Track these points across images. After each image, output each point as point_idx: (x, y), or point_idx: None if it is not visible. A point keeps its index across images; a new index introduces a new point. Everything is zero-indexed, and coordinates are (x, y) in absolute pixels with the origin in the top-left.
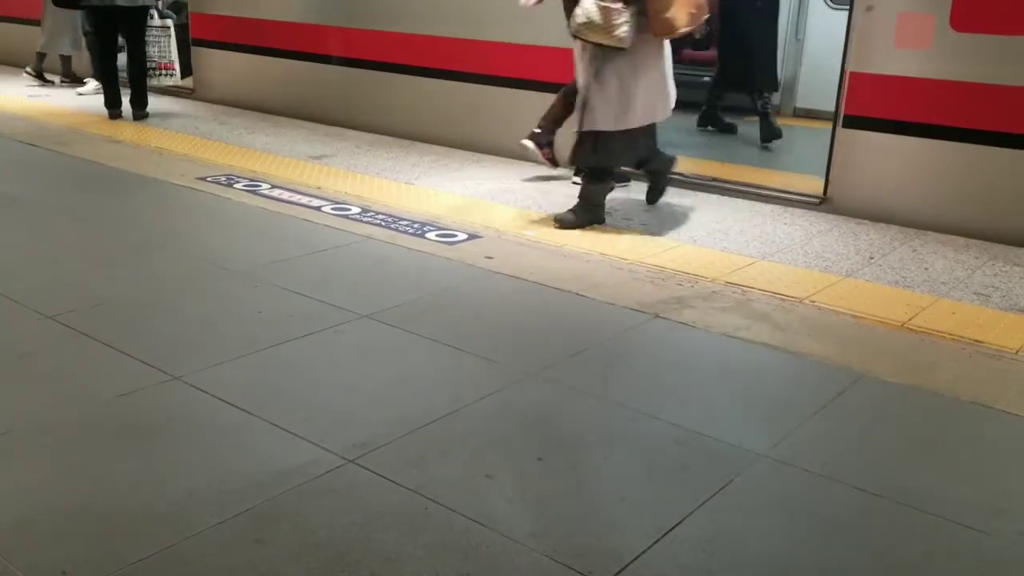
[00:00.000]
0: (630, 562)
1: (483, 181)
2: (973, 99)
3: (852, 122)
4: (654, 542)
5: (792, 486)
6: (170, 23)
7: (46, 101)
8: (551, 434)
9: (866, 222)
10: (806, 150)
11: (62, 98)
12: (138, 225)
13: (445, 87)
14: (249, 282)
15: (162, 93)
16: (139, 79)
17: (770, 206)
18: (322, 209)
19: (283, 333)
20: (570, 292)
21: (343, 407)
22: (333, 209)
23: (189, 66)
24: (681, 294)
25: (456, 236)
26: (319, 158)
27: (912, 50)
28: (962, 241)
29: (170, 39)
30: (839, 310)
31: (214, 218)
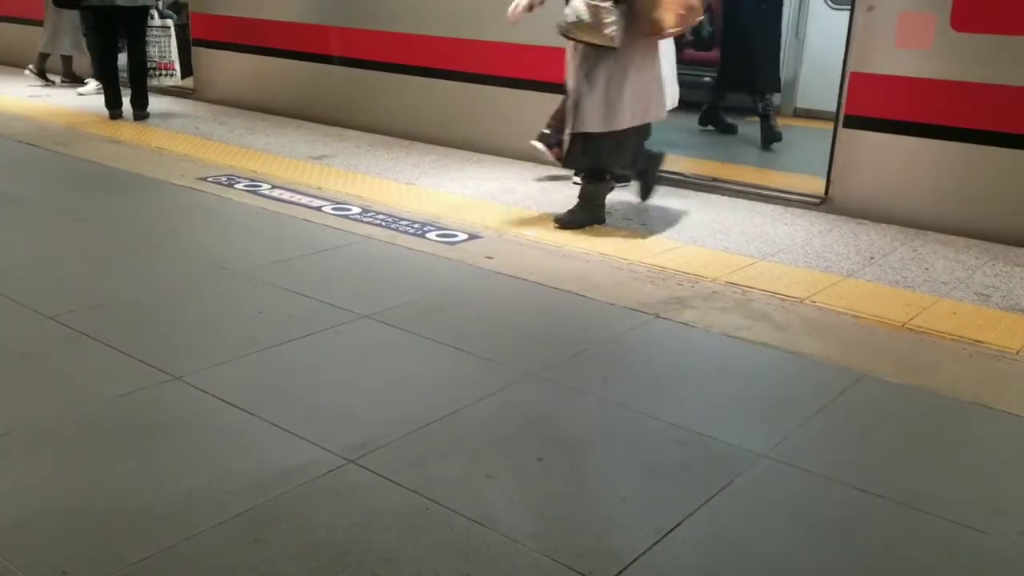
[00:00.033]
0: (630, 563)
1: (483, 181)
2: (974, 99)
3: (853, 122)
4: (654, 542)
5: (792, 486)
6: (170, 23)
7: (47, 101)
8: (551, 434)
9: (866, 222)
10: (806, 150)
11: (63, 98)
12: (138, 225)
13: (445, 87)
14: (249, 282)
15: (162, 93)
16: (139, 79)
17: (770, 206)
18: (322, 209)
19: (283, 333)
20: (570, 292)
21: (343, 407)
22: (333, 209)
23: (189, 66)
24: (681, 294)
25: (456, 236)
26: (319, 158)
27: (913, 50)
28: (963, 241)
29: (170, 39)
30: (840, 310)
31: (214, 218)
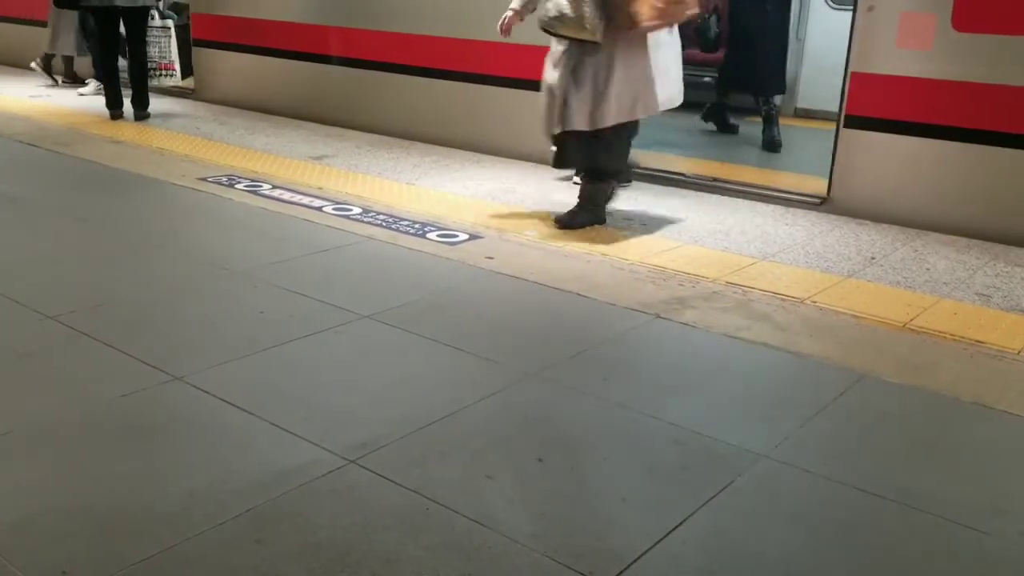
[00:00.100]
0: (631, 563)
1: (483, 181)
2: (974, 99)
3: (854, 122)
4: (655, 543)
5: (793, 486)
6: (170, 23)
7: (47, 101)
8: (552, 435)
9: (867, 222)
10: (807, 150)
11: (63, 98)
12: (139, 225)
13: (445, 87)
14: (250, 282)
15: (163, 93)
16: (140, 79)
17: (771, 206)
18: (323, 209)
19: (284, 333)
20: (571, 292)
21: (344, 407)
22: (334, 209)
23: (189, 66)
24: (682, 294)
25: (457, 236)
26: (320, 158)
27: (913, 50)
28: (964, 241)
29: (170, 39)
30: (840, 310)
31: (215, 218)
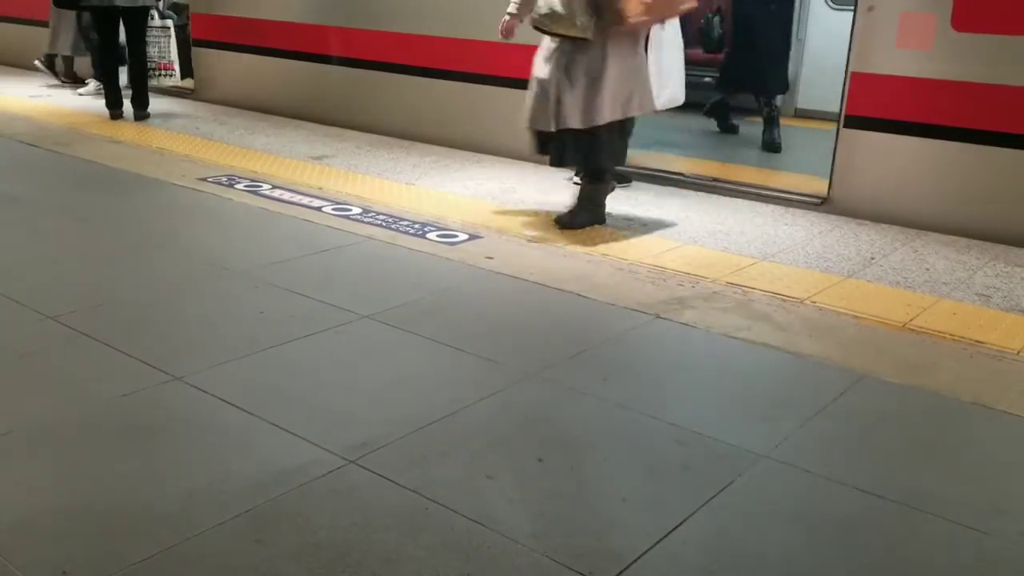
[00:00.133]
0: (631, 563)
1: (483, 181)
2: (974, 99)
3: (854, 122)
4: (655, 543)
5: (793, 487)
6: (170, 24)
7: (47, 101)
8: (552, 435)
9: (867, 223)
10: (807, 151)
11: (63, 98)
12: (139, 225)
13: (445, 87)
14: (250, 282)
15: (163, 94)
16: (140, 80)
17: (771, 206)
18: (323, 210)
19: (284, 333)
20: (571, 292)
21: (344, 407)
22: (334, 210)
23: (189, 67)
24: (682, 295)
25: (457, 236)
26: (320, 159)
27: (913, 50)
28: (963, 242)
29: (170, 40)
30: (840, 311)
31: (215, 218)
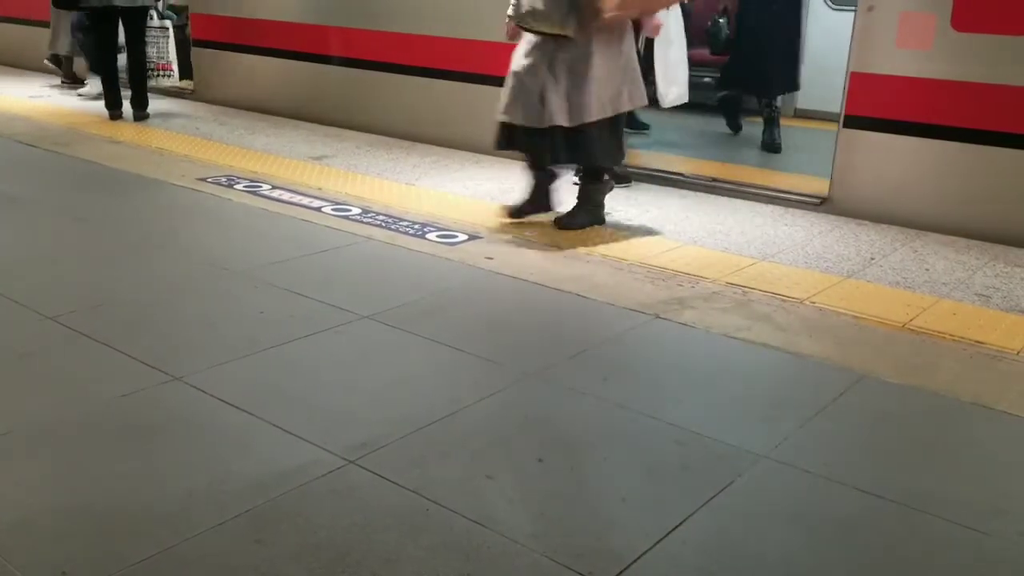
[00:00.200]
0: (631, 563)
1: (483, 182)
2: (974, 99)
3: (853, 122)
4: (655, 543)
5: (793, 487)
6: (169, 24)
7: (47, 101)
8: (551, 435)
9: (867, 223)
10: (807, 151)
11: (63, 99)
12: (138, 225)
13: (445, 87)
14: (249, 282)
15: (162, 94)
16: (139, 80)
17: (770, 207)
18: (322, 210)
19: (284, 334)
20: (570, 293)
21: (344, 408)
22: (333, 210)
23: (188, 67)
24: (681, 295)
25: (456, 237)
26: (319, 159)
27: (913, 50)
28: (963, 242)
29: (168, 40)
30: (840, 311)
31: (214, 219)
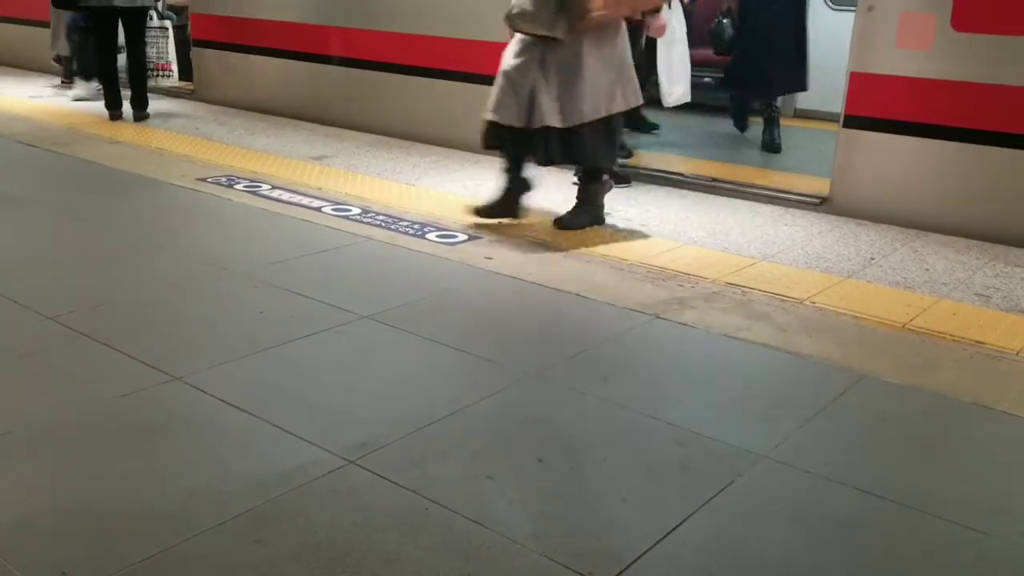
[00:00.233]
0: (631, 563)
1: (483, 182)
2: (974, 99)
3: (854, 122)
4: (655, 543)
5: (793, 487)
6: (168, 24)
7: (47, 102)
8: (551, 434)
9: (867, 223)
10: (807, 151)
11: (63, 99)
12: (138, 225)
13: (445, 87)
14: (249, 283)
15: (162, 94)
16: (139, 80)
17: (770, 207)
18: (322, 210)
19: (284, 334)
20: (570, 293)
21: (344, 408)
22: (333, 210)
23: (188, 68)
24: (681, 295)
25: (456, 237)
26: (319, 159)
27: (913, 50)
28: (963, 242)
29: (168, 40)
30: (840, 311)
31: (214, 219)
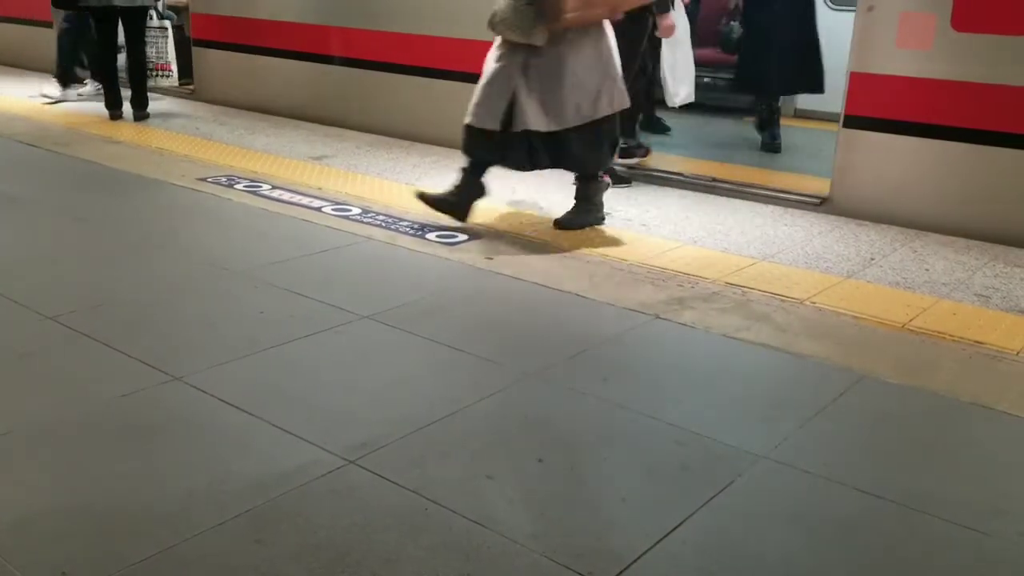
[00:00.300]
0: (630, 563)
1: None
2: (974, 99)
3: (854, 122)
4: (654, 543)
5: (793, 487)
6: (168, 24)
7: (47, 102)
8: (551, 435)
9: (867, 223)
10: (807, 151)
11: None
12: (138, 225)
13: (445, 87)
14: (249, 282)
15: (163, 94)
16: (139, 80)
17: (770, 207)
18: (323, 210)
19: (284, 334)
20: (570, 293)
21: (344, 408)
22: (334, 210)
23: (187, 68)
24: (681, 295)
25: (456, 237)
26: (319, 159)
27: (913, 50)
28: (963, 242)
29: (168, 40)
30: (840, 311)
31: (214, 219)
